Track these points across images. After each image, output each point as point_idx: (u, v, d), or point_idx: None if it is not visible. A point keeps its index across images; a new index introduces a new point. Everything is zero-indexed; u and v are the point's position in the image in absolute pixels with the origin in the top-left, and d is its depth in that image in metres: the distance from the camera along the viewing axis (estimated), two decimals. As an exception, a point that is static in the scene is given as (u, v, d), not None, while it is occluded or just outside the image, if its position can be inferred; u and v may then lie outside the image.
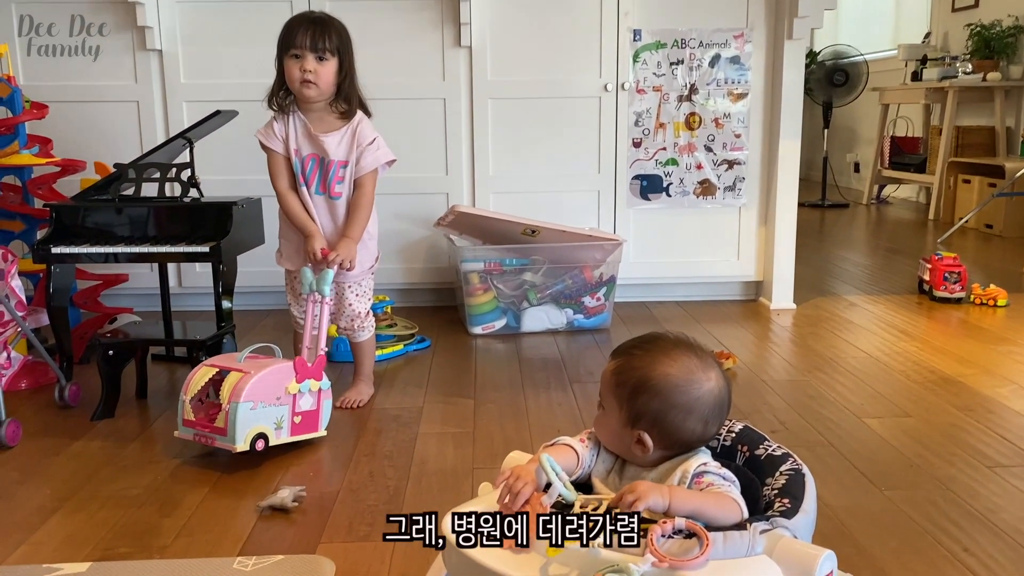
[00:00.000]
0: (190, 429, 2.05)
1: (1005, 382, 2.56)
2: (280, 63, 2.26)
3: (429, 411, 2.39)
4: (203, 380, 2.07)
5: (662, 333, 1.24)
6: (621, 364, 1.20)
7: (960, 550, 1.59)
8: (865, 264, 4.58)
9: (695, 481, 1.14)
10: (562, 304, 3.22)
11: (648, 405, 1.16)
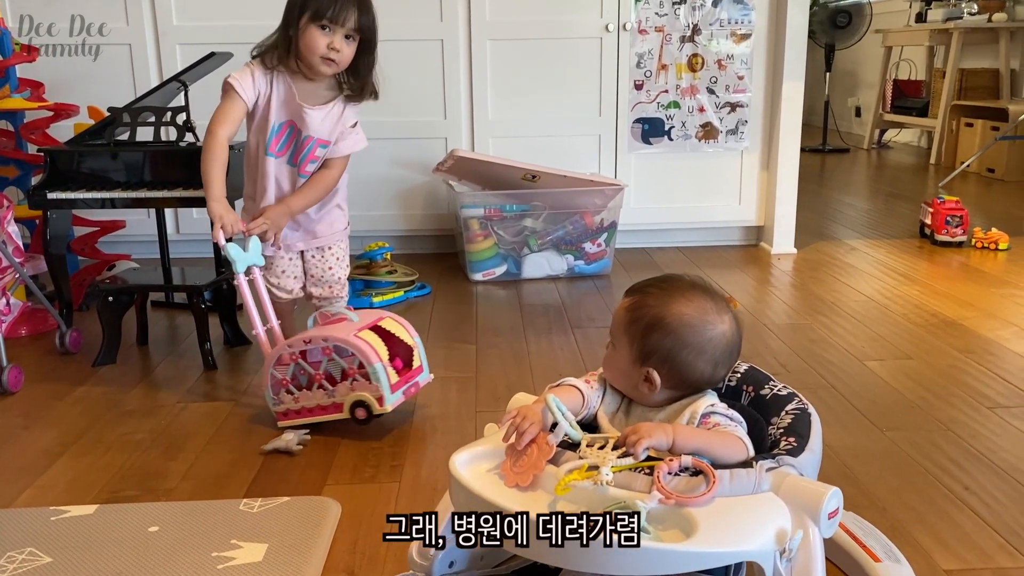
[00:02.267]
0: (399, 392, 1.89)
1: (1006, 324, 2.56)
2: (294, 22, 1.96)
3: (431, 356, 2.37)
4: (381, 344, 1.90)
5: (679, 275, 1.23)
6: (636, 301, 1.20)
7: (960, 488, 1.60)
8: (866, 208, 4.56)
9: (703, 421, 1.13)
10: (563, 250, 3.21)
11: (660, 343, 1.15)
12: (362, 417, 1.86)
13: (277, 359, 1.91)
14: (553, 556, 1.00)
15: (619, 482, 1.03)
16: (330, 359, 1.89)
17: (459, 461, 1.10)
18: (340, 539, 1.46)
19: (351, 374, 1.86)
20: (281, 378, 1.91)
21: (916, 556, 1.37)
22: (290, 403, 1.91)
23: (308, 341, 1.89)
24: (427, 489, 1.64)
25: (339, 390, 1.87)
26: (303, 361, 1.90)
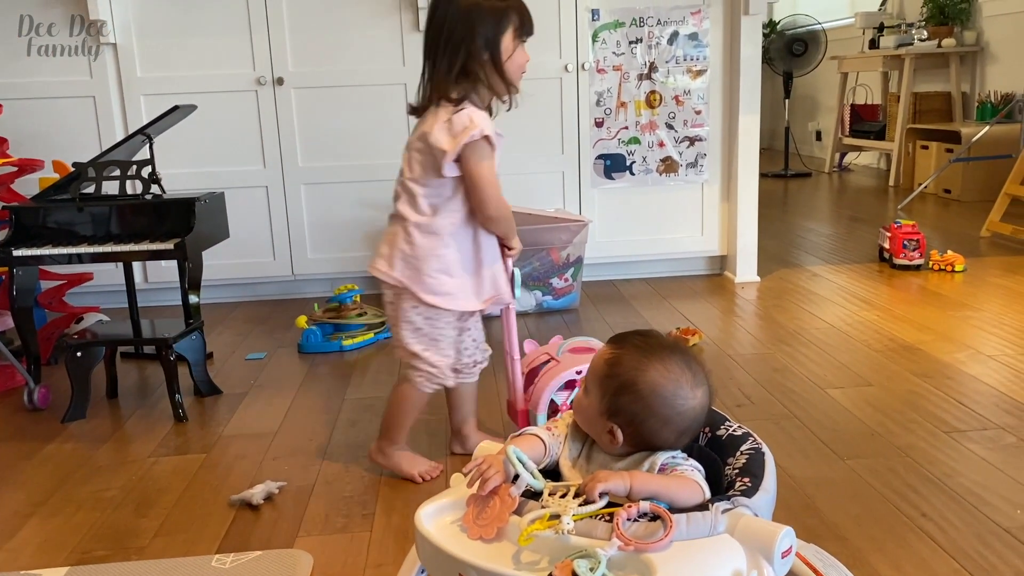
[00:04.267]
0: None
1: (962, 347, 2.63)
2: (489, 47, 1.76)
3: (401, 399, 2.41)
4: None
5: (662, 335, 1.23)
6: (615, 356, 1.20)
7: (918, 515, 1.65)
8: (827, 233, 4.65)
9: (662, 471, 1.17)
10: (531, 286, 3.25)
11: (629, 406, 1.17)
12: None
13: (567, 383, 1.96)
14: (518, 606, 1.03)
15: (580, 530, 1.06)
16: None
17: (425, 514, 1.13)
18: (313, 592, 1.48)
19: None
20: (562, 404, 1.97)
21: (876, 585, 1.41)
22: None
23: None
24: (399, 537, 1.65)
25: None
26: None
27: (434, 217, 1.78)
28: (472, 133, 1.71)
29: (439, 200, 1.78)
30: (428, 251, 1.78)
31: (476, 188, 1.75)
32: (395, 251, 1.80)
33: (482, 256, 1.84)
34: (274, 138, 3.41)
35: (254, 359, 2.84)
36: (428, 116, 1.79)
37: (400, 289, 1.82)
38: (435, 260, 1.79)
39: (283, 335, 3.07)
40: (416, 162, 1.78)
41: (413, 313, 1.83)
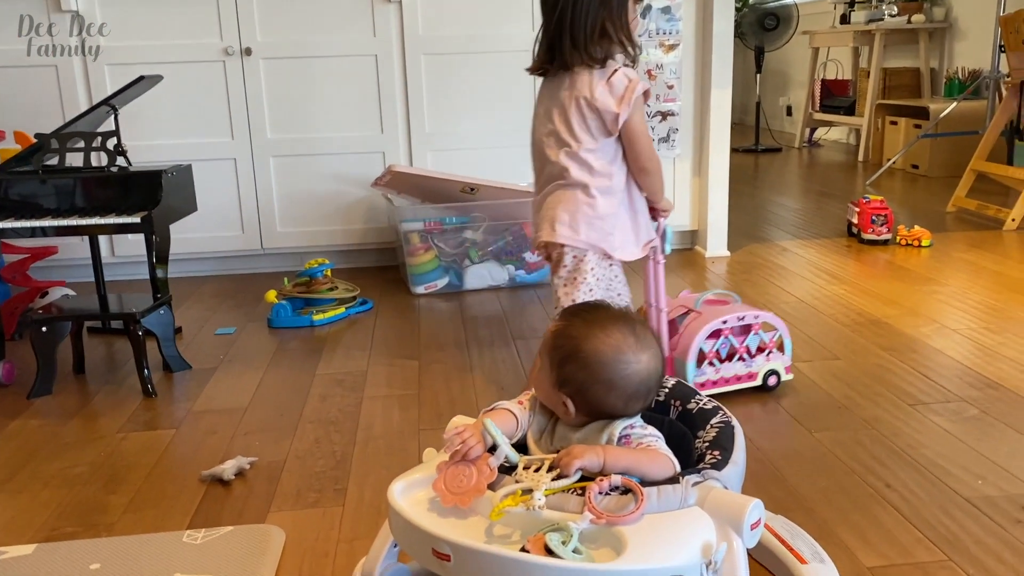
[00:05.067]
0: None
1: (928, 321, 2.67)
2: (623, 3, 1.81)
3: (374, 374, 2.41)
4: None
5: (609, 304, 1.25)
6: (560, 328, 1.23)
7: (883, 486, 1.68)
8: (797, 209, 4.69)
9: (624, 442, 1.18)
10: (504, 261, 3.25)
11: (574, 375, 1.18)
12: (773, 384, 2.16)
13: (709, 334, 2.10)
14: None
15: (552, 504, 1.07)
16: (755, 333, 2.14)
17: (397, 490, 1.13)
18: (285, 566, 1.48)
19: (768, 347, 2.16)
20: (708, 352, 2.11)
21: (841, 555, 1.43)
22: (711, 374, 2.12)
23: (741, 318, 2.14)
24: (371, 512, 1.66)
25: (757, 361, 2.15)
26: (731, 336, 2.13)
27: (608, 177, 1.87)
28: (636, 92, 1.81)
29: (608, 160, 1.86)
30: (608, 210, 1.87)
31: (635, 143, 1.85)
32: (577, 216, 1.86)
33: (638, 207, 1.95)
34: (242, 110, 3.36)
35: (223, 334, 2.81)
36: (576, 80, 1.83)
37: (583, 251, 1.88)
38: (613, 218, 1.89)
39: (253, 310, 3.04)
40: (581, 129, 1.84)
41: (597, 271, 1.91)
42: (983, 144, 4.26)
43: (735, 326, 2.14)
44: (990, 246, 3.58)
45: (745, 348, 2.14)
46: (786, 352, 2.19)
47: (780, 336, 2.17)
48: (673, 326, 2.18)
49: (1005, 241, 3.68)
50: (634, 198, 1.93)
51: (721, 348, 2.12)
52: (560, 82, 1.86)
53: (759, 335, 2.15)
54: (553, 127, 1.87)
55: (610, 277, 1.93)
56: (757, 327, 2.15)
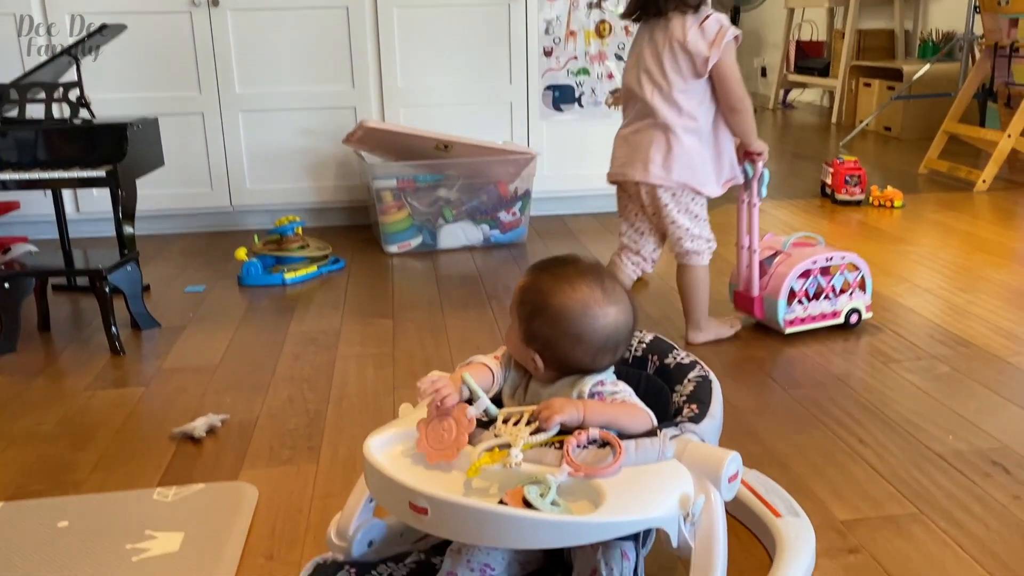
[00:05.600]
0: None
1: (900, 281, 2.69)
2: None
3: (347, 333, 2.38)
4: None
5: (578, 258, 1.23)
6: (528, 283, 1.21)
7: (856, 442, 1.70)
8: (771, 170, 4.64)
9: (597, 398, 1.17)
10: (478, 220, 3.22)
11: (541, 329, 1.17)
12: (854, 322, 2.26)
13: (800, 274, 2.20)
14: (468, 533, 1.03)
15: (530, 457, 1.06)
16: (841, 273, 2.23)
17: (373, 444, 1.11)
18: (258, 524, 1.46)
19: (851, 286, 2.25)
20: (798, 291, 2.21)
21: (814, 508, 1.44)
22: (800, 312, 2.23)
23: (829, 258, 2.22)
24: (346, 468, 1.64)
25: (841, 300, 2.25)
26: (820, 275, 2.22)
27: (695, 119, 2.02)
28: (727, 36, 1.96)
29: (696, 102, 2.02)
30: (694, 149, 2.04)
31: (725, 84, 1.99)
32: (670, 156, 2.04)
33: (722, 147, 2.10)
34: (209, 62, 3.27)
35: (193, 292, 2.77)
36: (670, 25, 1.99)
37: (677, 189, 2.08)
38: (699, 156, 2.06)
39: (222, 267, 2.99)
40: (673, 71, 2.00)
41: (692, 205, 2.13)
42: (956, 106, 4.27)
43: (823, 266, 2.23)
44: (961, 207, 3.61)
45: (831, 287, 2.24)
46: (867, 292, 2.27)
47: (863, 276, 2.26)
48: (762, 268, 2.29)
49: (975, 202, 3.71)
50: (719, 139, 2.08)
51: (810, 287, 2.22)
52: (655, 26, 2.02)
53: (843, 275, 2.24)
54: (646, 68, 2.03)
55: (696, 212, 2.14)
56: (842, 267, 2.24)
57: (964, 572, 1.28)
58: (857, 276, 2.27)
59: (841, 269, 2.25)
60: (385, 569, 1.24)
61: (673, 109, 2.01)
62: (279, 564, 1.35)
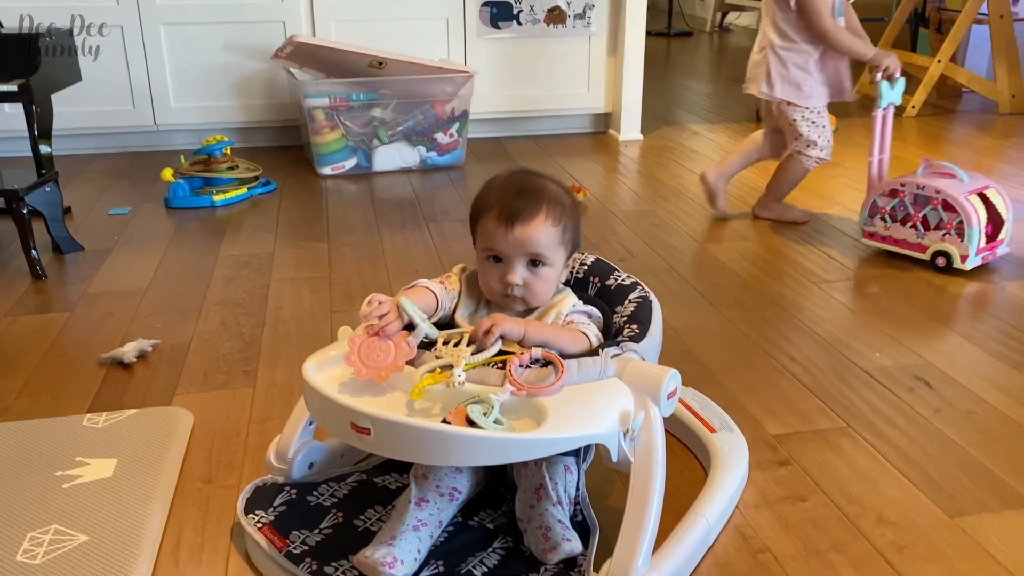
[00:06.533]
0: (979, 257, 2.14)
1: (832, 203, 2.75)
2: None
3: (281, 256, 2.33)
4: (983, 209, 2.13)
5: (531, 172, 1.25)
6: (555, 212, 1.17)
7: (788, 360, 1.74)
8: (708, 93, 4.69)
9: (566, 321, 1.18)
10: (414, 141, 3.15)
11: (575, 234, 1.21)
12: (941, 265, 2.15)
13: (888, 191, 2.22)
14: (411, 452, 1.03)
15: (473, 377, 1.05)
16: (933, 208, 2.14)
17: (312, 367, 1.09)
18: (194, 448, 1.44)
19: (947, 227, 2.13)
20: (883, 207, 2.24)
21: (748, 424, 1.49)
22: (880, 228, 2.26)
23: (921, 187, 2.17)
24: (283, 392, 1.62)
25: (930, 236, 2.17)
26: (910, 201, 2.19)
27: (795, 43, 2.37)
28: None
29: (795, 29, 2.36)
30: (794, 67, 2.40)
31: (808, 19, 2.32)
32: (773, 75, 2.42)
33: (827, 64, 2.41)
34: (127, -29, 3.08)
35: (117, 214, 2.66)
36: None
37: (780, 101, 2.43)
38: (799, 72, 2.40)
39: (148, 189, 2.88)
40: (776, 3, 2.36)
41: (800, 114, 2.43)
42: (888, 31, 4.31)
43: (915, 193, 2.18)
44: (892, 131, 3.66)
45: (921, 218, 2.18)
46: (967, 240, 2.10)
47: (960, 221, 2.10)
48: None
49: (905, 127, 3.78)
50: (827, 55, 2.39)
51: (897, 209, 2.21)
52: None
53: (938, 211, 2.14)
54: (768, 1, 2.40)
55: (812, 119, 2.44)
56: (937, 203, 2.14)
57: (888, 482, 1.34)
58: (955, 219, 2.11)
59: (936, 204, 2.14)
60: (327, 489, 1.24)
61: (777, 34, 2.38)
62: (217, 488, 1.33)
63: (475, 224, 1.20)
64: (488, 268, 1.18)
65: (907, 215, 2.21)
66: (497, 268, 1.17)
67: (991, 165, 3.20)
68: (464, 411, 1.00)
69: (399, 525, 1.09)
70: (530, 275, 1.17)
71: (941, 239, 2.16)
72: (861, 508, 1.28)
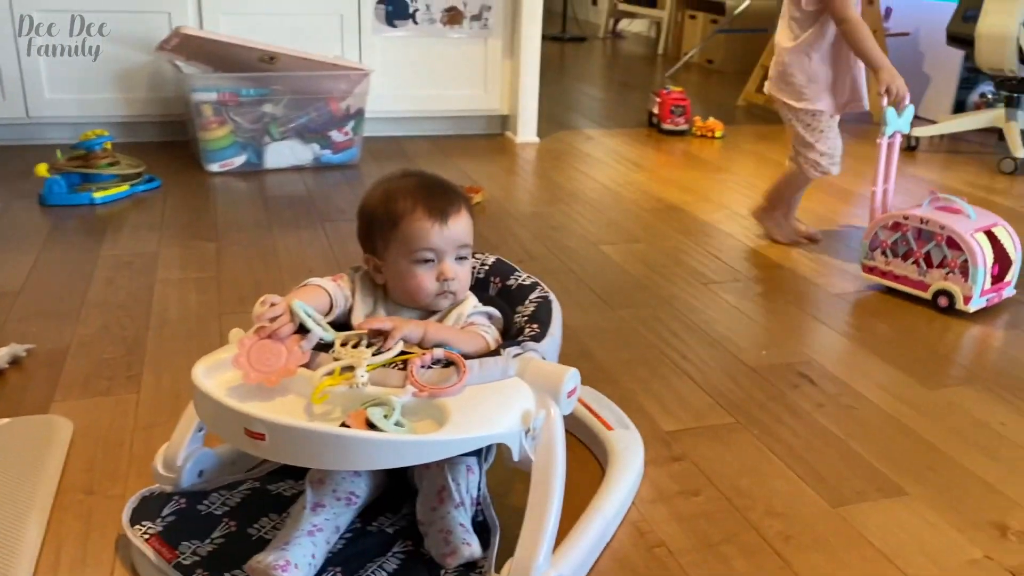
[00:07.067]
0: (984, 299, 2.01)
1: (720, 208, 2.84)
2: None
3: (166, 256, 2.24)
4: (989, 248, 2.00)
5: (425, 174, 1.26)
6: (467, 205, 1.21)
7: (680, 358, 1.79)
8: (601, 98, 4.78)
9: (467, 323, 1.17)
10: (308, 138, 3.08)
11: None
12: (943, 305, 2.03)
13: (890, 224, 2.11)
14: (308, 458, 1.00)
15: (374, 379, 1.04)
16: (937, 244, 2.02)
17: (202, 370, 1.05)
18: (75, 458, 1.36)
19: (950, 265, 2.01)
20: (884, 240, 2.12)
21: (643, 421, 1.52)
22: (880, 263, 2.14)
23: (925, 221, 2.04)
24: (170, 398, 1.55)
25: (932, 274, 2.04)
26: (912, 235, 2.07)
27: (810, 42, 2.24)
28: None
29: (809, 23, 2.23)
30: (799, 68, 2.27)
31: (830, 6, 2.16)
32: (782, 72, 2.31)
33: (841, 68, 2.27)
34: (-5, -48, 2.90)
35: (-15, 211, 2.50)
36: None
37: (782, 103, 2.34)
38: (805, 73, 2.27)
39: (20, 185, 2.71)
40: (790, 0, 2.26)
41: (800, 116, 2.33)
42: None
43: (917, 227, 2.06)
44: (775, 138, 3.83)
45: (923, 255, 2.04)
46: (971, 281, 1.97)
47: (965, 260, 1.97)
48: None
49: (788, 135, 3.94)
50: (838, 60, 2.26)
51: (899, 243, 2.08)
52: None
53: (941, 248, 2.01)
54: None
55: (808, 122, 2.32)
56: (941, 239, 2.01)
57: (776, 475, 1.40)
58: (959, 258, 1.98)
59: (939, 240, 2.01)
60: (218, 498, 1.20)
61: (790, 32, 2.27)
62: (100, 499, 1.26)
63: (390, 231, 1.16)
64: (419, 270, 1.16)
65: (909, 250, 2.08)
66: (430, 268, 1.17)
67: (867, 172, 3.38)
68: (364, 414, 0.98)
69: (293, 531, 1.07)
70: (459, 268, 1.18)
71: (944, 278, 2.02)
72: (751, 500, 1.32)
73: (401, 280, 1.18)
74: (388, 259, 1.18)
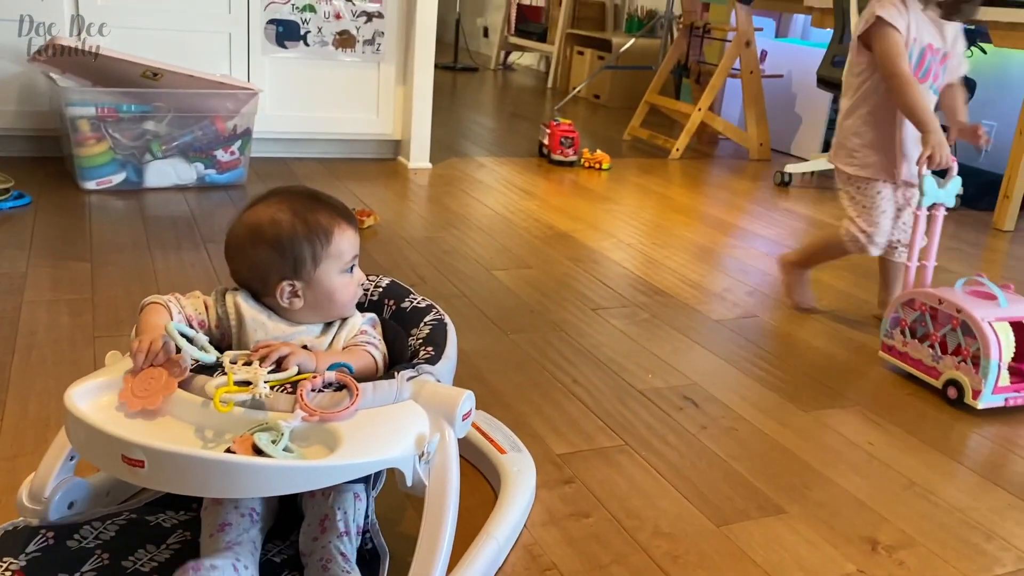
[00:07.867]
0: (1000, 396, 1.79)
1: (607, 236, 2.91)
2: None
3: (35, 276, 2.11)
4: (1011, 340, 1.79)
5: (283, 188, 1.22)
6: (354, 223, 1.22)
7: (570, 382, 1.82)
8: (492, 127, 4.84)
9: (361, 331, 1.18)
10: (192, 157, 2.98)
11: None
12: (952, 396, 1.83)
13: (908, 300, 1.94)
14: (190, 485, 0.96)
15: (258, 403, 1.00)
16: (953, 329, 1.83)
17: (76, 394, 0.99)
18: (-75, 492, 1.26)
19: (963, 354, 1.81)
20: (902, 318, 1.95)
21: (535, 444, 1.53)
22: (898, 343, 1.97)
23: (941, 301, 1.86)
24: (37, 426, 1.46)
25: (945, 360, 1.85)
26: (929, 316, 1.89)
27: (857, 100, 2.10)
28: (869, 16, 1.99)
29: (860, 83, 2.09)
30: (850, 130, 2.12)
31: (878, 58, 2.01)
32: (835, 140, 2.18)
33: (900, 136, 2.07)
34: None
35: None
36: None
37: (836, 167, 2.17)
38: (856, 137, 2.11)
39: None
40: (851, 52, 2.11)
41: (847, 184, 2.15)
42: (656, 79, 4.67)
43: (933, 307, 1.87)
44: (658, 172, 3.97)
45: (939, 338, 1.85)
46: (983, 374, 1.75)
47: (978, 349, 1.76)
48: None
49: (670, 168, 4.10)
50: (897, 127, 2.07)
51: (918, 324, 1.91)
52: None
53: (957, 334, 1.81)
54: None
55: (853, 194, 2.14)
56: (955, 322, 1.81)
57: (662, 495, 1.43)
58: (973, 346, 1.77)
59: (955, 325, 1.81)
60: (90, 531, 1.13)
61: (846, 97, 2.14)
62: (-46, 536, 1.17)
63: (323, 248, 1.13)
64: (347, 280, 1.17)
65: (927, 332, 1.88)
66: (351, 276, 1.18)
67: (743, 205, 3.55)
68: (251, 439, 0.94)
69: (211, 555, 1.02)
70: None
71: (956, 366, 1.81)
72: (639, 521, 1.35)
73: (331, 294, 1.16)
74: (318, 277, 1.14)
